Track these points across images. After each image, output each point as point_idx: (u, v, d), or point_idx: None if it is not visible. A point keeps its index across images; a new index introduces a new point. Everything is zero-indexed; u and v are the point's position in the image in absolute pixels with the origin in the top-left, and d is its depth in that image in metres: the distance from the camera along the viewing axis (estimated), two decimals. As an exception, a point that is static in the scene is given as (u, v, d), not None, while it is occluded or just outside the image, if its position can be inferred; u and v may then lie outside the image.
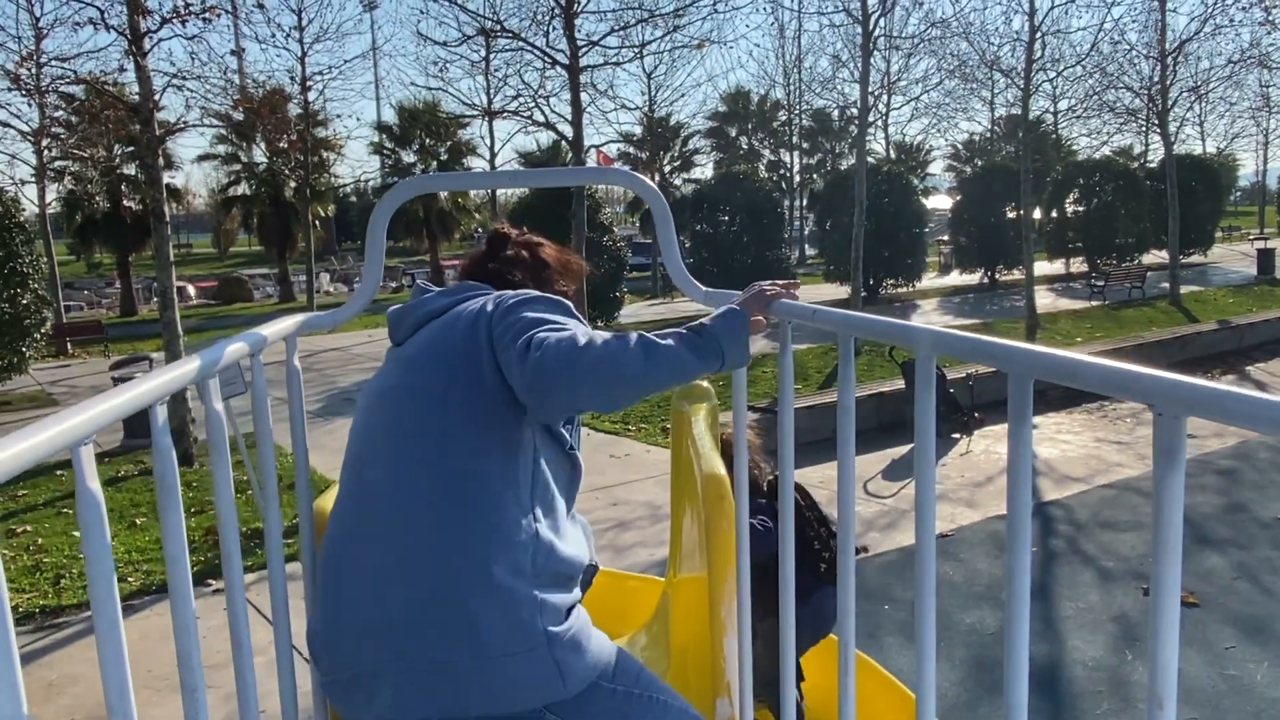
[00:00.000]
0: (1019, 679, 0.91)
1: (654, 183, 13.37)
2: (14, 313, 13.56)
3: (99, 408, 0.80)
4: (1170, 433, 0.73)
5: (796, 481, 1.68)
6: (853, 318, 1.14)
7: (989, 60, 16.98)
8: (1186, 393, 0.71)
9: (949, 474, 8.05)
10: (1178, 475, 0.73)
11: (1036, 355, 0.86)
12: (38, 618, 5.69)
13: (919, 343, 1.01)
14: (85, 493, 0.76)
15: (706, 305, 1.65)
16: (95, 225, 32.30)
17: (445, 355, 1.57)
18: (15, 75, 11.09)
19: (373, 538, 1.50)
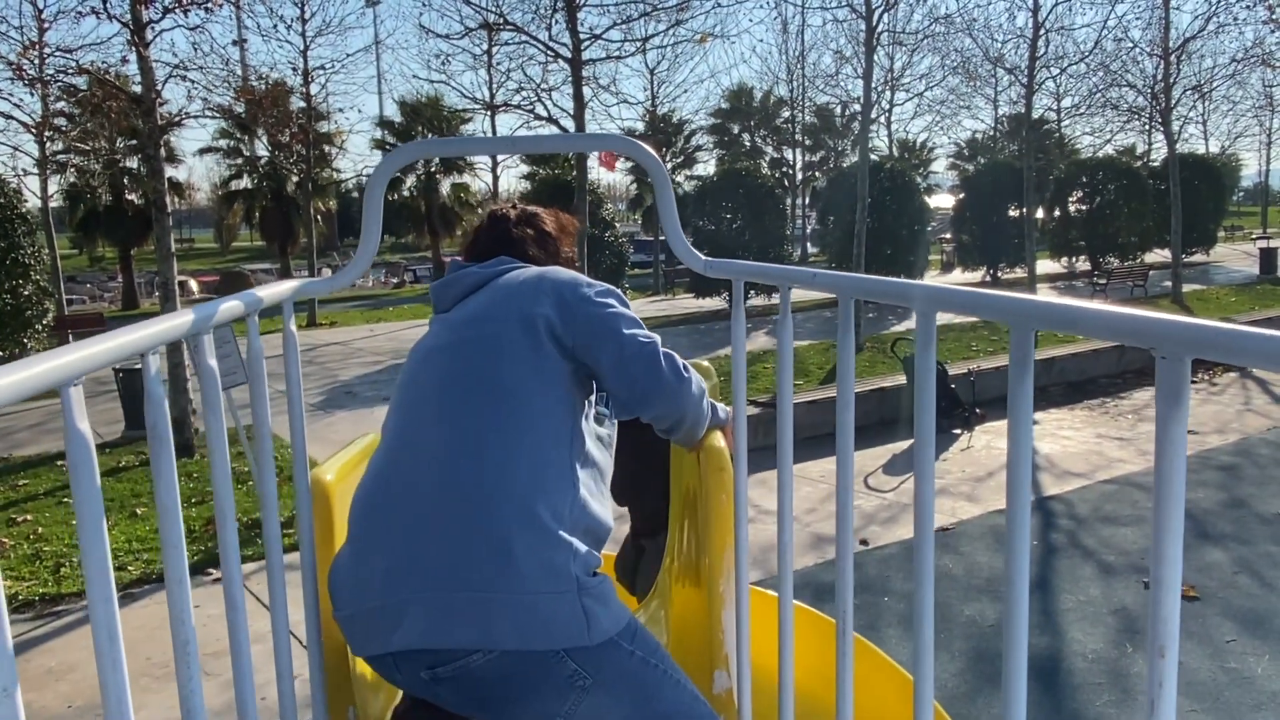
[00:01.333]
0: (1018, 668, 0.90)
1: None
2: (16, 304, 13.56)
3: (91, 349, 0.79)
4: (1174, 375, 0.71)
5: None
6: (853, 278, 1.14)
7: (993, 57, 16.97)
8: (1189, 333, 0.70)
9: (950, 468, 8.04)
10: (1181, 420, 0.72)
11: (1036, 305, 0.85)
12: (37, 605, 5.69)
13: (915, 299, 1.00)
14: (74, 433, 0.75)
15: (706, 273, 1.64)
16: (97, 218, 32.36)
17: (501, 315, 1.65)
18: (18, 66, 11.08)
19: (415, 480, 1.54)
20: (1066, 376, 11.64)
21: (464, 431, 1.55)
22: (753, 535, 5.93)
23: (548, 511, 1.48)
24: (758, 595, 1.98)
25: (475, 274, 1.79)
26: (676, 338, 16.82)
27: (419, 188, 39.64)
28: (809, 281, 1.25)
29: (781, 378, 1.32)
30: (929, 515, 1.04)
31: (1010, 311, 0.87)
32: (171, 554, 0.94)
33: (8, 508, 7.75)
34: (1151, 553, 0.75)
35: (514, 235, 1.93)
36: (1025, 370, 0.86)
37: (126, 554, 6.41)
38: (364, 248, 1.59)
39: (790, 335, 1.32)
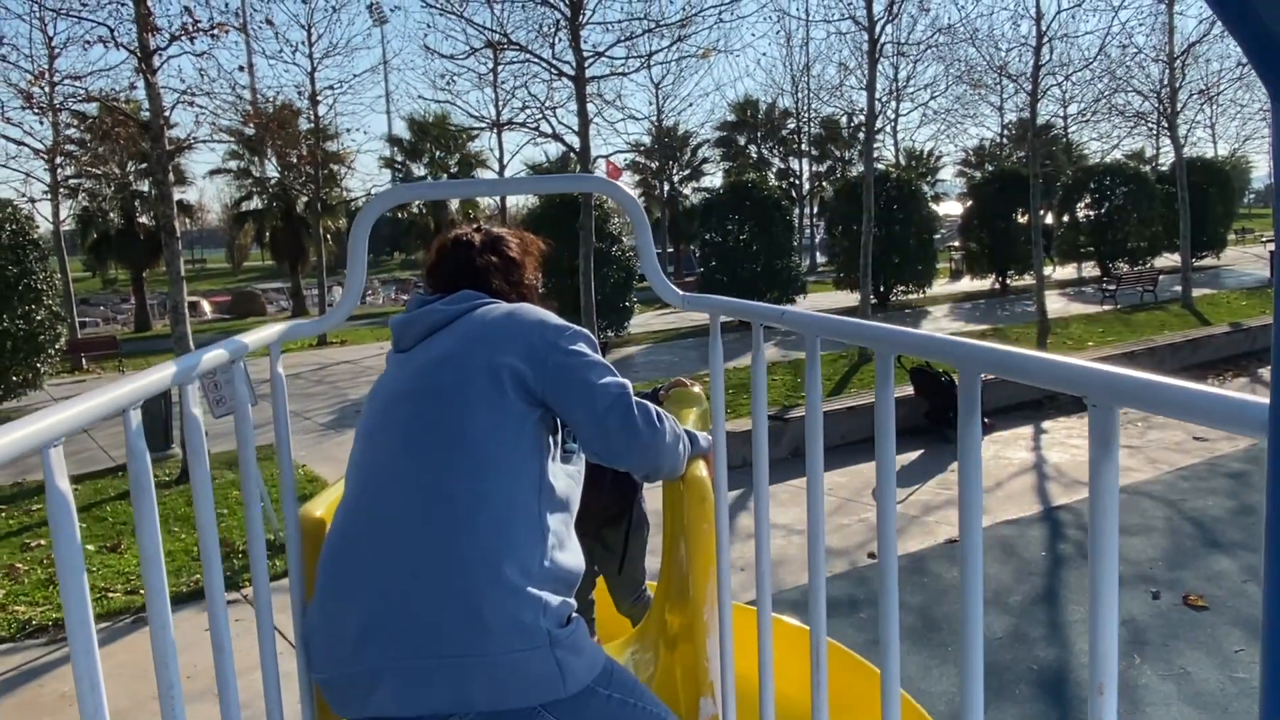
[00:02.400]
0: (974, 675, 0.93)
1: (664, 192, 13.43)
2: (29, 329, 13.70)
3: (72, 410, 0.83)
4: (1104, 423, 0.74)
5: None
6: (818, 318, 1.17)
7: (997, 66, 16.98)
8: (1118, 384, 0.73)
9: (957, 479, 8.03)
10: (1112, 465, 0.75)
11: (982, 351, 0.88)
12: (51, 630, 5.74)
13: (879, 343, 1.03)
14: (54, 493, 0.79)
15: (683, 309, 1.67)
16: (109, 241, 32.66)
17: (466, 362, 1.61)
18: (28, 93, 11.23)
19: (381, 535, 1.52)
20: (1075, 384, 11.61)
21: (431, 488, 1.52)
22: (748, 550, 5.95)
23: (516, 569, 1.46)
24: (744, 613, 2.00)
25: (439, 312, 1.74)
26: (684, 350, 16.86)
27: (428, 205, 39.87)
28: (778, 320, 1.28)
29: (756, 411, 1.36)
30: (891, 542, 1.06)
31: (959, 357, 0.90)
32: (155, 600, 0.97)
33: (22, 533, 7.82)
34: (1089, 593, 0.78)
35: (478, 264, 1.88)
36: (973, 412, 0.89)
37: (138, 579, 6.45)
38: (350, 285, 1.63)
39: (764, 368, 1.35)
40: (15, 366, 13.64)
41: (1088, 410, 0.76)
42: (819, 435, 1.20)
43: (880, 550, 1.09)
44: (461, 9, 12.84)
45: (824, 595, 1.35)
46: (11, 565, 6.85)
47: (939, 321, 19.88)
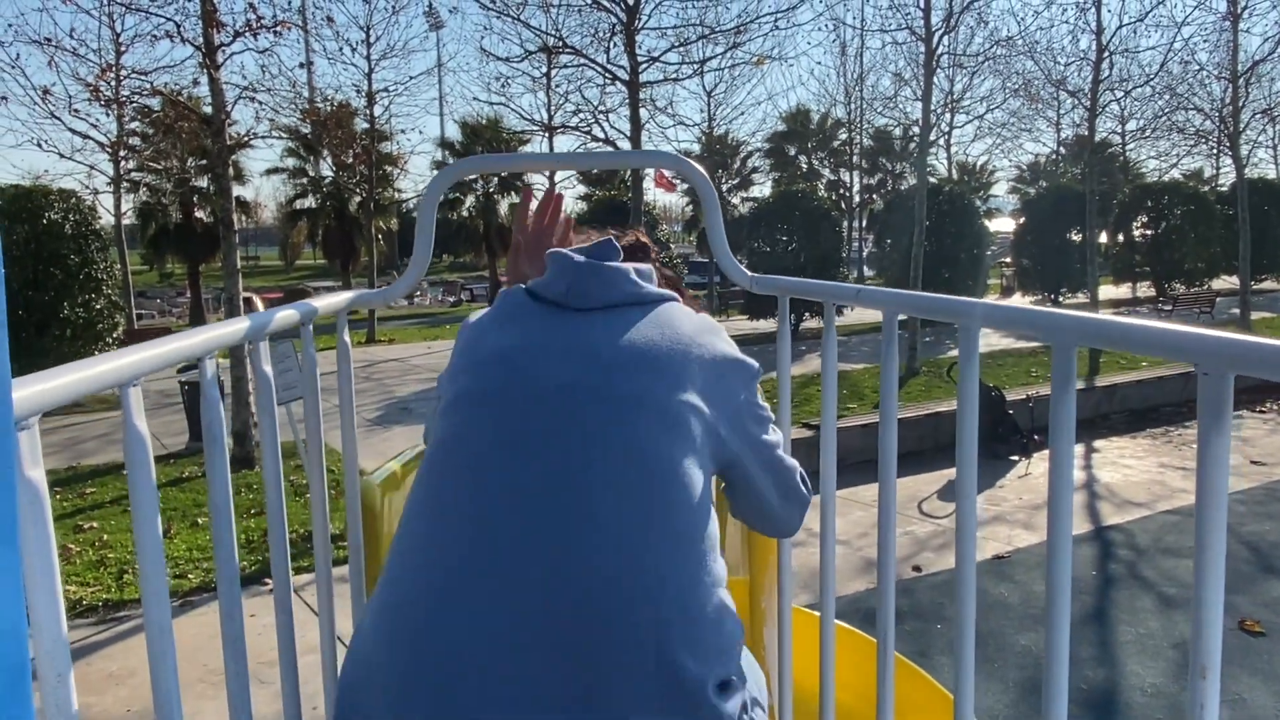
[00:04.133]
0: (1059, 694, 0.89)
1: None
2: (88, 317, 14.00)
3: (151, 352, 0.83)
4: (1215, 392, 0.71)
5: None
6: (897, 294, 1.14)
7: (1055, 80, 16.75)
8: (1231, 349, 0.70)
9: (1006, 495, 7.90)
10: (1223, 436, 0.71)
11: (1079, 320, 0.85)
12: (100, 611, 5.83)
13: (960, 314, 1.00)
14: (132, 431, 0.78)
15: (752, 290, 1.64)
16: (168, 236, 33.39)
17: (663, 374, 1.18)
18: (95, 87, 11.50)
19: (516, 561, 1.08)
20: (1129, 404, 11.38)
21: (594, 506, 1.10)
22: (801, 558, 5.89)
23: (703, 633, 1.10)
24: (801, 615, 1.97)
25: (630, 286, 1.28)
26: (730, 359, 16.79)
27: (477, 208, 40.20)
28: (853, 298, 1.25)
29: (825, 395, 1.33)
30: (971, 533, 1.03)
31: (1053, 328, 0.87)
32: (223, 554, 0.97)
33: (75, 515, 7.98)
34: (1195, 573, 0.74)
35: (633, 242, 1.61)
36: (1067, 389, 0.86)
37: (188, 562, 6.54)
38: (417, 257, 1.63)
39: (834, 351, 1.32)
40: (74, 353, 13.93)
41: (1197, 379, 0.73)
42: (893, 420, 1.17)
43: (958, 597, 1.05)
44: (518, 12, 12.94)
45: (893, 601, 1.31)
46: (65, 546, 6.98)
47: (989, 337, 19.59)
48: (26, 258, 13.41)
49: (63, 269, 13.66)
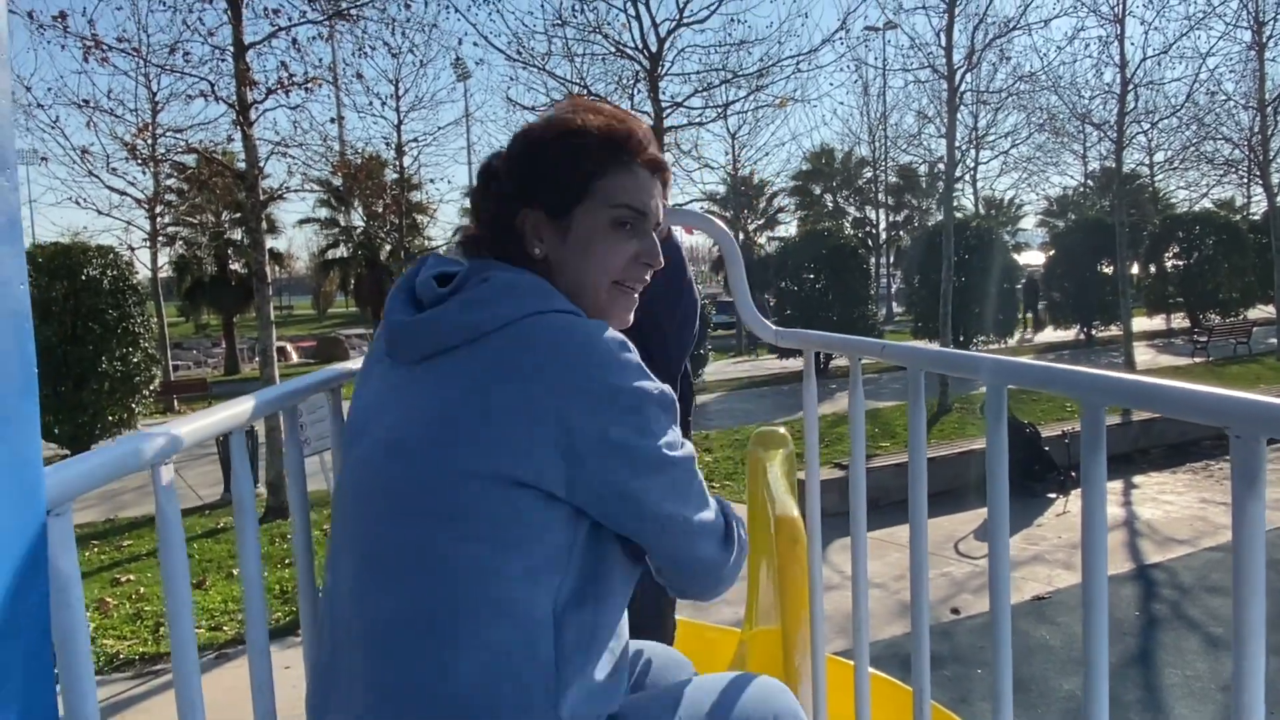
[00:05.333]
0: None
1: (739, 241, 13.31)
2: (125, 370, 14.21)
3: (180, 429, 0.84)
4: (1248, 456, 0.70)
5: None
6: (923, 351, 1.13)
7: (1080, 113, 16.71)
8: (1263, 412, 0.69)
9: (1045, 534, 7.78)
10: (1258, 501, 0.70)
11: (1108, 380, 0.84)
12: (137, 664, 5.86)
13: (985, 371, 0.99)
14: (164, 514, 0.79)
15: (776, 343, 1.64)
16: (203, 288, 33.99)
17: (461, 442, 1.04)
18: (132, 145, 11.77)
19: (347, 651, 1.09)
20: (1167, 439, 11.19)
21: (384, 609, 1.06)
22: (836, 602, 5.82)
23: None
24: (836, 664, 1.94)
25: (452, 320, 1.11)
26: (759, 399, 16.73)
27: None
28: (878, 353, 1.25)
29: (855, 450, 1.32)
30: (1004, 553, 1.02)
31: (1080, 386, 0.86)
32: (254, 630, 0.97)
33: (112, 568, 8.04)
34: (1233, 644, 0.73)
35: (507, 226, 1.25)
36: (1098, 448, 0.85)
37: (223, 614, 6.57)
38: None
39: (862, 406, 1.31)
40: (111, 406, 14.14)
41: (1230, 442, 0.72)
42: (923, 476, 1.16)
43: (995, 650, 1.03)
44: (543, 63, 13.13)
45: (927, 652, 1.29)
46: (101, 599, 7.03)
47: (1021, 372, 19.37)
48: (65, 313, 13.67)
49: (100, 324, 13.91)
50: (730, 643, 2.64)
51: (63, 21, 9.42)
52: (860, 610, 1.40)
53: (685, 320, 1.83)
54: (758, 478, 2.12)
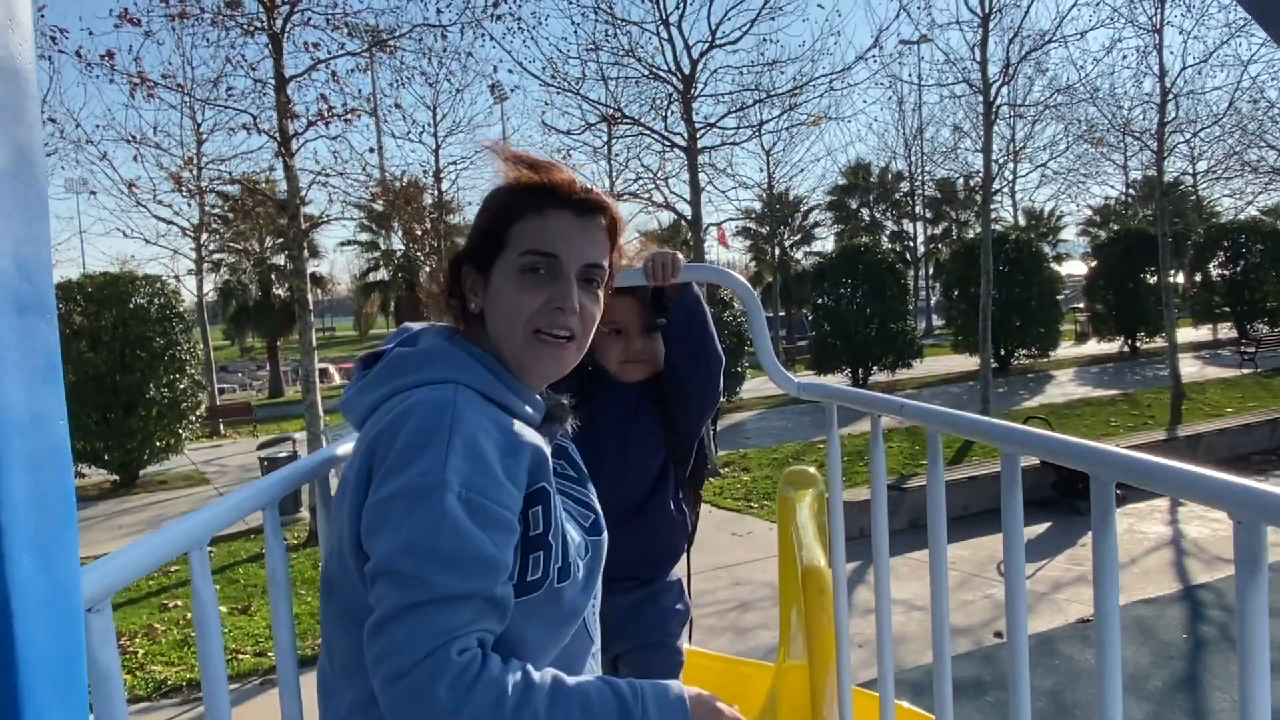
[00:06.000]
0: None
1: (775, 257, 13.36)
2: (173, 397, 14.49)
3: (212, 512, 0.88)
4: (1250, 542, 0.71)
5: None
6: (939, 413, 1.14)
7: (1119, 124, 16.51)
8: (1265, 501, 0.69)
9: (1089, 554, 7.65)
10: (1260, 590, 0.71)
11: (1117, 458, 0.85)
12: (184, 691, 5.96)
13: (998, 441, 1.00)
14: (200, 596, 0.83)
15: (799, 396, 1.65)
16: (247, 312, 34.59)
17: (340, 515, 1.11)
18: (177, 177, 12.05)
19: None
20: (1215, 454, 10.99)
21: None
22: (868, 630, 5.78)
23: None
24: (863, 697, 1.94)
25: (369, 393, 1.21)
26: (797, 416, 16.66)
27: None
28: (897, 412, 1.26)
29: (875, 504, 1.33)
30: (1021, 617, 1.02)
31: (1091, 463, 0.87)
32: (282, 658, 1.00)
33: (160, 593, 8.19)
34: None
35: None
36: (1108, 522, 0.86)
37: (267, 640, 6.66)
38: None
39: (883, 462, 1.33)
40: (159, 432, 14.42)
41: (1232, 527, 0.73)
42: (943, 533, 1.17)
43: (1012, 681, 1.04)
44: (577, 87, 13.24)
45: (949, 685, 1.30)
46: (150, 625, 7.16)
47: (1064, 386, 19.15)
48: (115, 341, 13.99)
49: (148, 351, 14.21)
50: (765, 677, 2.65)
51: (110, 60, 9.68)
52: (884, 650, 1.41)
53: (708, 382, 1.83)
54: (788, 520, 2.13)
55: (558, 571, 1.11)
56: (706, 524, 9.66)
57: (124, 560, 0.73)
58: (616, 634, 1.96)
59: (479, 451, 1.04)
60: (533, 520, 1.09)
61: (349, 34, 10.46)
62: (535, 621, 1.10)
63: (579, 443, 1.72)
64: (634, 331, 1.89)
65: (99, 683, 0.68)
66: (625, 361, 1.88)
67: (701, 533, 2.10)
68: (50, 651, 0.47)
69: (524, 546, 1.09)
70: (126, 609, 7.70)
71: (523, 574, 1.08)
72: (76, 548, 0.51)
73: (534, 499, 1.10)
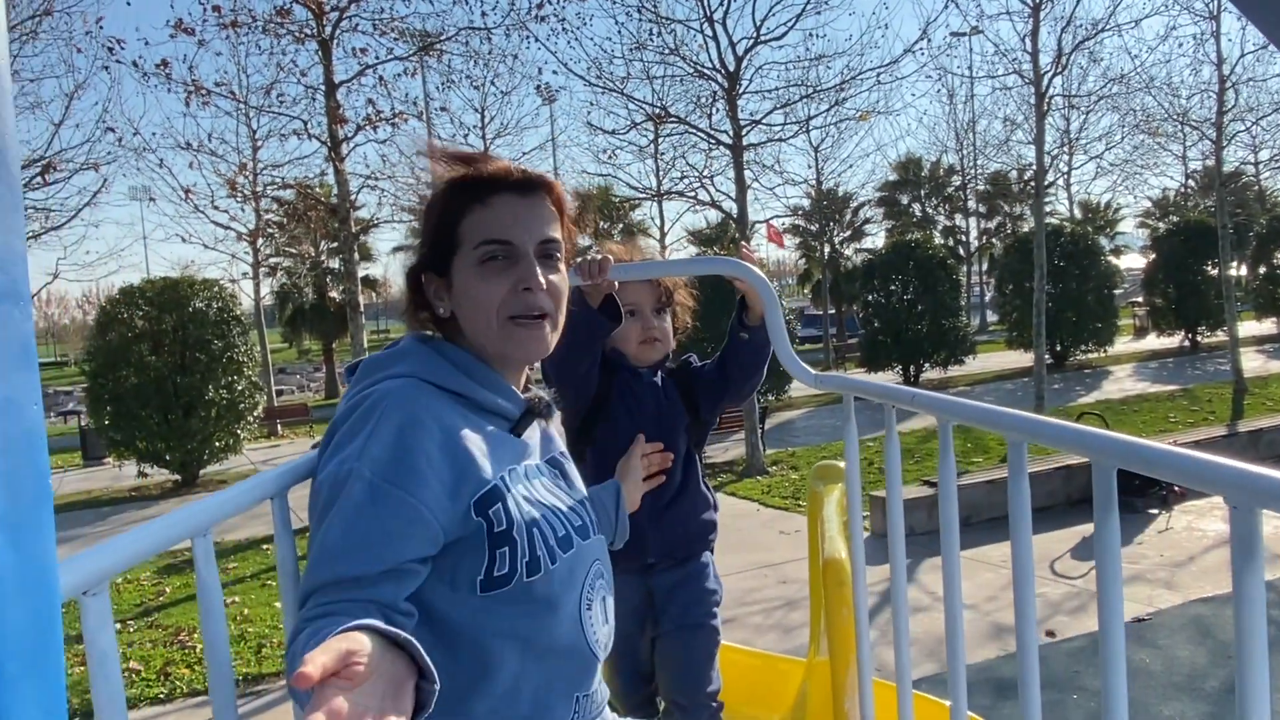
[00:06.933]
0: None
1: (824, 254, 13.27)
2: (231, 398, 14.80)
3: (216, 499, 0.90)
4: (1245, 527, 0.69)
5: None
6: (950, 402, 1.13)
7: (1177, 114, 16.11)
8: (1258, 484, 0.68)
9: (1145, 552, 7.49)
10: (1256, 575, 0.69)
11: (1114, 443, 0.83)
12: (240, 685, 6.08)
13: (1004, 429, 0.99)
14: (203, 580, 0.85)
15: (816, 387, 1.65)
16: (304, 315, 35.23)
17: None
18: (232, 182, 12.31)
19: None
20: (1277, 449, 10.68)
21: None
22: (926, 625, 5.72)
23: None
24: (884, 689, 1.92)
25: (340, 415, 1.23)
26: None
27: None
28: (908, 402, 1.25)
29: (891, 497, 1.32)
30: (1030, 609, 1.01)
31: (1091, 449, 0.86)
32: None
33: (194, 599, 8.36)
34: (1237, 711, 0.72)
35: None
36: (1109, 508, 0.84)
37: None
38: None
39: (898, 453, 1.31)
40: (218, 433, 14.72)
41: (1229, 511, 0.71)
42: (954, 525, 1.16)
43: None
44: (622, 86, 13.27)
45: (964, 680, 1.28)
46: (179, 629, 7.30)
47: (1122, 382, 18.74)
48: (175, 344, 14.33)
49: (207, 353, 14.52)
50: (798, 672, 2.64)
51: (165, 69, 9.91)
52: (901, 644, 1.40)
53: (751, 391, 2.04)
54: (816, 514, 2.12)
55: (526, 566, 1.13)
56: (753, 522, 9.61)
57: (123, 544, 0.75)
58: (660, 613, 2.10)
59: (403, 440, 1.06)
60: (495, 519, 1.11)
61: (397, 37, 10.59)
62: (507, 615, 1.12)
63: (616, 432, 1.80)
64: (648, 311, 2.02)
65: (96, 664, 0.70)
66: (643, 342, 1.98)
67: (748, 531, 2.17)
68: (22, 628, 0.49)
69: (490, 543, 1.11)
70: (187, 604, 7.88)
71: (490, 569, 1.11)
72: (52, 527, 0.53)
73: (491, 497, 1.12)
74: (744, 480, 11.58)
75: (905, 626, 1.40)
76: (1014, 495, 0.99)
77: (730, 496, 10.61)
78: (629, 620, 2.08)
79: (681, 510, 2.03)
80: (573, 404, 1.97)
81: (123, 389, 13.95)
